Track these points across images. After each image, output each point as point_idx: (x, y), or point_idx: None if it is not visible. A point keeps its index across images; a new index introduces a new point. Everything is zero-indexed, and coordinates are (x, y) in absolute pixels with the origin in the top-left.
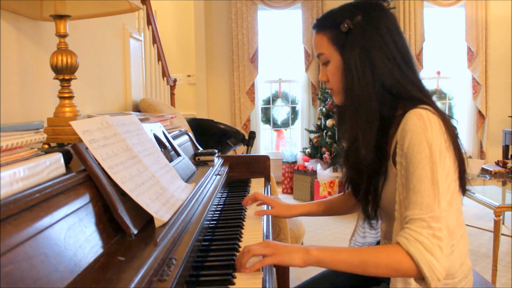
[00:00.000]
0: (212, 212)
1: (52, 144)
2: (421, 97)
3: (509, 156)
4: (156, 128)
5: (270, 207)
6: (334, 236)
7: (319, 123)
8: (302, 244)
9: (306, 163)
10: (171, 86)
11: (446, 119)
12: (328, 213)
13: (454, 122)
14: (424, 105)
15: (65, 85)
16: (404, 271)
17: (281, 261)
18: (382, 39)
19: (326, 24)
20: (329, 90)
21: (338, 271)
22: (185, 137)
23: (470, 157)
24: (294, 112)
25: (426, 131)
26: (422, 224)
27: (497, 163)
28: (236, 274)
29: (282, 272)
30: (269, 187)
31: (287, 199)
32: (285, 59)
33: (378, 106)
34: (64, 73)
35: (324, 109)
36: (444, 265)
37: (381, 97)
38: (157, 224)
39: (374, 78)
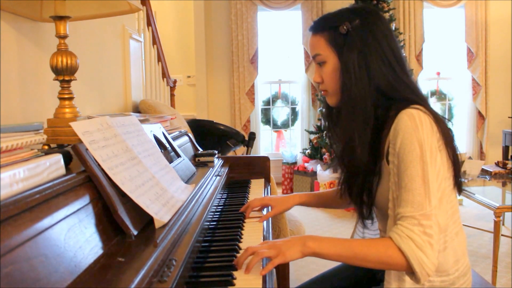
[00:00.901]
0: (212, 213)
1: (52, 145)
2: (414, 98)
3: (509, 157)
4: (156, 129)
5: (270, 207)
6: (334, 236)
7: (319, 124)
8: None
9: (306, 164)
10: (171, 87)
11: (438, 119)
12: (322, 205)
13: (449, 124)
14: (416, 105)
15: (65, 86)
16: (395, 265)
17: (287, 259)
18: (378, 43)
19: (324, 26)
20: (322, 92)
21: (339, 271)
22: (185, 138)
23: (470, 157)
24: (294, 113)
25: (417, 131)
26: (413, 222)
27: (497, 164)
28: (236, 275)
29: (282, 273)
30: (269, 188)
31: None
32: (285, 60)
33: (373, 107)
34: (64, 74)
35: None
36: (434, 261)
37: (375, 99)
38: (157, 225)
39: (370, 81)
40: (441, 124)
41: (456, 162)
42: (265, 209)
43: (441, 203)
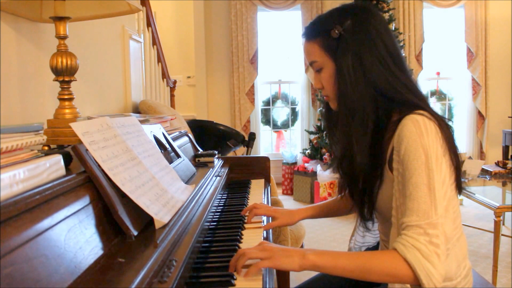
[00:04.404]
0: (212, 214)
1: (52, 146)
2: (415, 100)
3: (509, 157)
4: (156, 129)
5: (271, 218)
6: (334, 237)
7: (319, 124)
8: (302, 245)
9: (306, 164)
10: (171, 87)
11: (442, 123)
12: (329, 215)
13: (450, 124)
14: (420, 110)
15: (65, 86)
16: (401, 277)
17: (277, 265)
18: (372, 42)
19: (315, 32)
20: (325, 97)
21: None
22: (185, 139)
23: (470, 157)
24: (294, 113)
25: (422, 137)
26: (419, 231)
27: (497, 164)
28: (236, 275)
29: (282, 273)
30: (269, 188)
31: (287, 200)
32: (284, 60)
33: (373, 111)
34: (64, 74)
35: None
36: (441, 272)
37: (375, 101)
38: (157, 225)
39: (367, 83)
40: (444, 128)
41: (458, 166)
42: (264, 218)
43: (447, 212)
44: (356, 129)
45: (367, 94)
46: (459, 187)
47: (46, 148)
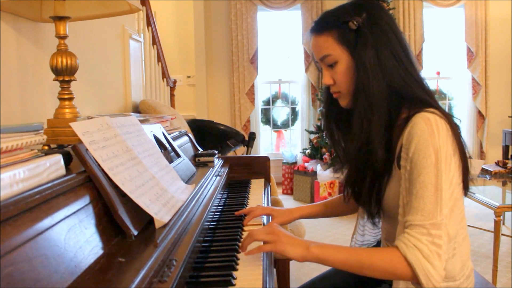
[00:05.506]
0: (212, 213)
1: (52, 146)
2: (425, 97)
3: (509, 156)
4: (156, 129)
5: (271, 217)
6: (334, 237)
7: (319, 123)
8: None
9: (306, 164)
10: (171, 87)
11: (452, 122)
12: (328, 214)
13: (457, 121)
14: (430, 107)
15: (65, 86)
16: (400, 275)
17: (280, 251)
18: (386, 36)
19: (330, 24)
20: (334, 94)
21: (339, 272)
22: (185, 138)
23: (470, 157)
24: (294, 113)
25: (433, 136)
26: (422, 231)
27: (497, 163)
28: (236, 274)
29: (282, 273)
30: (269, 188)
31: (287, 200)
32: (284, 60)
33: (388, 106)
34: (64, 74)
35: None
36: (441, 273)
37: (389, 97)
38: (157, 225)
39: (384, 78)
40: (454, 127)
41: (466, 165)
42: (265, 217)
43: (453, 212)
44: (376, 124)
45: (384, 89)
46: (466, 187)
47: (46, 147)
